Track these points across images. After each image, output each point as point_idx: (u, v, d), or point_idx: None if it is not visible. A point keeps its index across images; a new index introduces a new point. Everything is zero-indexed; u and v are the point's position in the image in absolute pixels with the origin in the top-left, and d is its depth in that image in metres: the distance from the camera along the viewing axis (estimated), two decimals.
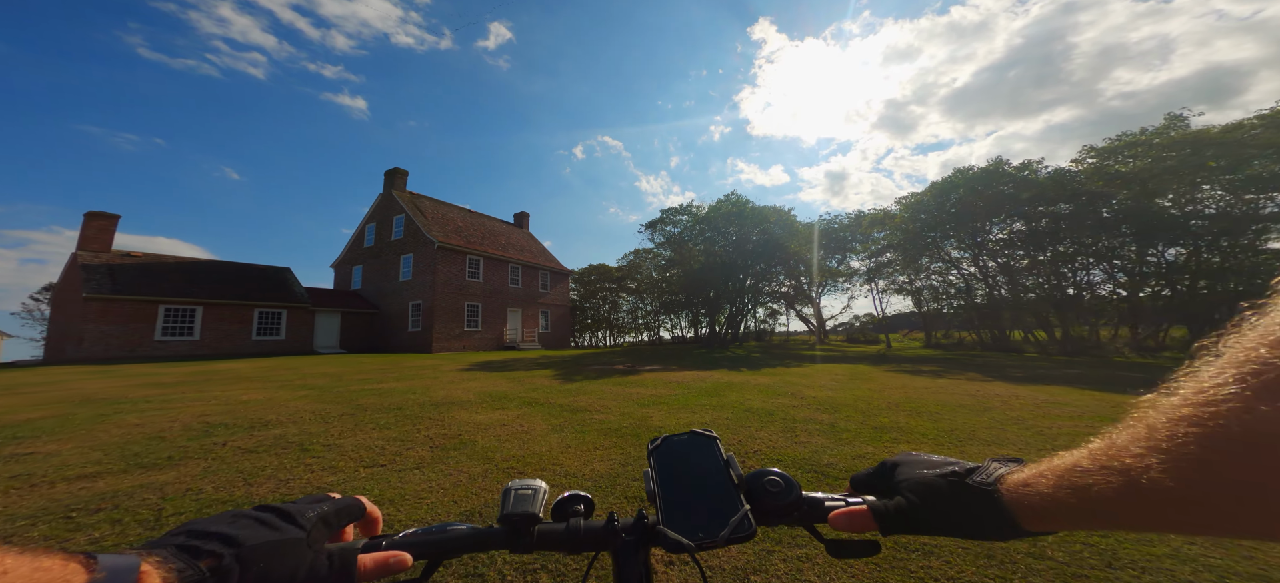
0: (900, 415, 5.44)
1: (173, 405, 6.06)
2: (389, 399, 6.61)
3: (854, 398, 6.78)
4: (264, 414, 5.38)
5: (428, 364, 13.27)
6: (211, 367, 12.07)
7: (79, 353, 15.26)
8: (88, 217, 16.62)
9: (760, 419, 5.28)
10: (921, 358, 16.05)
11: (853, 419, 5.21)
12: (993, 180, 19.02)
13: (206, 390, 7.56)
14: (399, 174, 25.53)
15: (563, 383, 8.72)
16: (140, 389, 7.79)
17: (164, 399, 6.66)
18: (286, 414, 5.43)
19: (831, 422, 5.09)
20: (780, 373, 10.63)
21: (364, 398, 6.72)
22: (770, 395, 7.04)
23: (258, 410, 5.66)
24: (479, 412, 5.78)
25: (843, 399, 6.66)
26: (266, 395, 6.99)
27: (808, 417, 5.37)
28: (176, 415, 5.33)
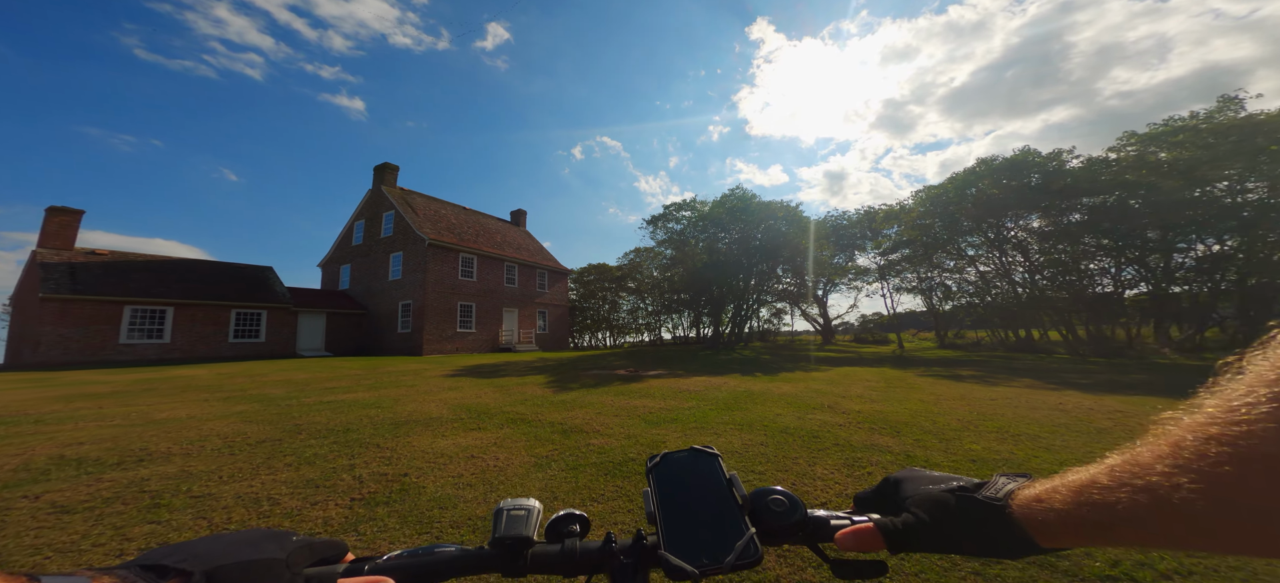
0: (989, 439, 4.26)
1: (61, 427, 4.87)
2: (341, 417, 5.43)
3: (910, 413, 5.60)
4: (157, 442, 4.19)
5: (411, 369, 12.08)
6: (167, 373, 10.88)
7: (35, 358, 14.05)
8: (49, 212, 15.40)
9: (805, 445, 4.10)
10: (946, 360, 14.88)
11: (931, 446, 4.03)
12: (1018, 171, 17.83)
13: (128, 404, 6.36)
14: (389, 169, 24.34)
15: (556, 393, 7.53)
16: (57, 403, 6.60)
17: (64, 417, 5.46)
18: (189, 441, 4.23)
19: (904, 449, 3.91)
20: (802, 379, 9.45)
21: (311, 416, 5.53)
22: (803, 409, 5.86)
23: (156, 436, 4.47)
24: (447, 435, 4.60)
25: (897, 415, 5.48)
26: (191, 412, 5.80)
27: (867, 442, 4.18)
28: (38, 446, 4.13)
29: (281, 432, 4.62)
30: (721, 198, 24.82)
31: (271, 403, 6.49)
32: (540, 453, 3.93)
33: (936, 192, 20.84)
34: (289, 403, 6.46)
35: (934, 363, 13.72)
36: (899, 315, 26.74)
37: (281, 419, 5.27)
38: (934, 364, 13.27)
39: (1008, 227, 19.18)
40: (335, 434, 4.52)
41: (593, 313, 42.14)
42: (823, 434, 4.47)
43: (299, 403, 6.47)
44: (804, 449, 3.95)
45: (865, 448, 3.96)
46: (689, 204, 28.18)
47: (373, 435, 4.52)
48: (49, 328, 14.11)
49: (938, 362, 14.25)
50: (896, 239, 24.41)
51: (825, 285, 31.12)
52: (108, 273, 15.71)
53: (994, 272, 21.01)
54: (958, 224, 20.14)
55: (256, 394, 7.30)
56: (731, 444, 4.21)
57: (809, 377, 9.87)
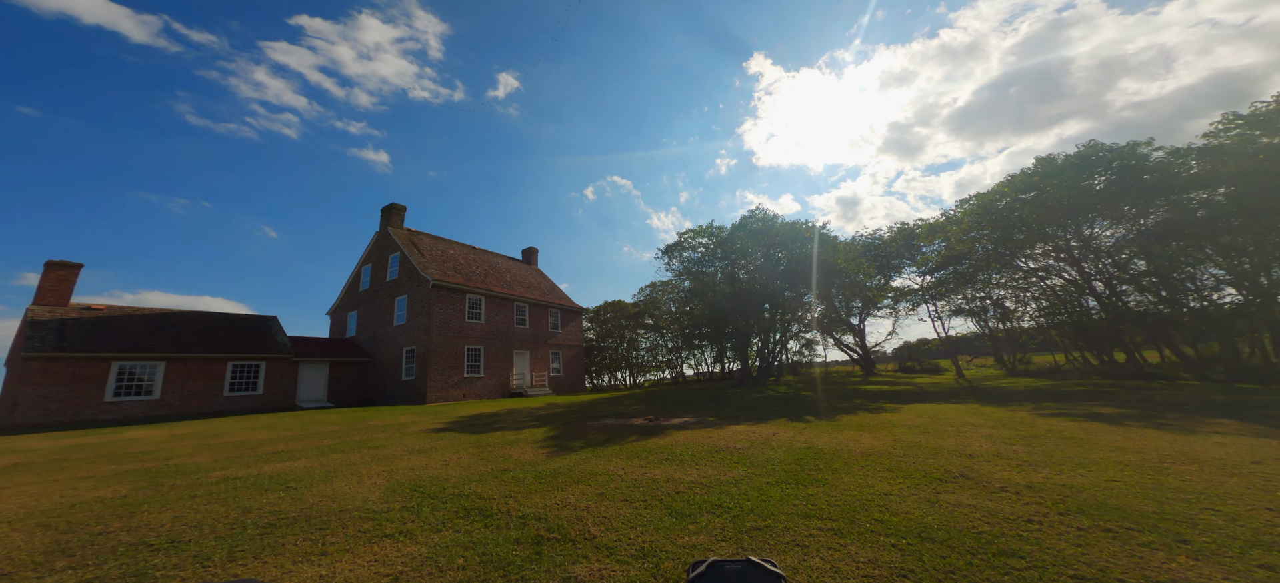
0: None
1: None
2: (210, 510, 3.68)
3: (1133, 491, 3.45)
4: None
5: (397, 423, 10.39)
6: (123, 435, 9.53)
7: (10, 420, 13.12)
8: (47, 267, 15.08)
9: (1006, 573, 2.07)
10: (1039, 392, 12.17)
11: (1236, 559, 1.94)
12: (1085, 168, 15.55)
13: None
14: (396, 210, 23.98)
15: (551, 457, 5.63)
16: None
17: None
18: None
19: None
20: (877, 424, 7.22)
21: (158, 513, 3.80)
22: (919, 481, 3.78)
23: None
24: (340, 552, 2.77)
25: (1110, 493, 3.35)
26: (22, 504, 4.16)
27: (1131, 565, 2.12)
28: None
29: (57, 550, 2.88)
30: (741, 221, 23.14)
31: (154, 481, 4.81)
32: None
33: (988, 200, 18.57)
34: (176, 482, 4.77)
35: (1027, 395, 11.10)
36: (950, 340, 23.74)
37: (110, 518, 3.55)
38: (1033, 397, 10.68)
39: (1085, 233, 16.59)
40: (139, 554, 2.75)
41: (610, 352, 40.15)
42: (1013, 546, 2.42)
43: (188, 484, 4.77)
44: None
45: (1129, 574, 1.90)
46: (706, 230, 26.64)
47: (213, 548, 2.73)
48: (29, 388, 13.25)
49: (1028, 394, 11.60)
50: (943, 255, 21.93)
51: (861, 311, 28.44)
52: (97, 329, 15.06)
53: (1068, 286, 18.22)
54: (1013, 235, 17.70)
55: (158, 469, 5.65)
56: (830, 567, 2.22)
57: (883, 421, 7.63)
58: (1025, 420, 7.12)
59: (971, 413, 8.25)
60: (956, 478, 3.86)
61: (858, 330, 29.16)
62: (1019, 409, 8.68)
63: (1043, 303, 21.35)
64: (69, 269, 15.40)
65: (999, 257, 19.31)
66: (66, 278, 15.36)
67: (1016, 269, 19.99)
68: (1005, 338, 24.76)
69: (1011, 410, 8.56)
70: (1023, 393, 11.98)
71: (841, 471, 4.26)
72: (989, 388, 14.22)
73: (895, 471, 4.17)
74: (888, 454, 4.86)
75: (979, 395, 11.80)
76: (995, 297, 23.06)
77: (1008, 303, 23.01)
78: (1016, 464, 4.35)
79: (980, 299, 23.56)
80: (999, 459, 4.57)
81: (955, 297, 23.93)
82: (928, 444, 5.40)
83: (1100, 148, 15.42)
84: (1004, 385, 15.10)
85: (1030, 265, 19.45)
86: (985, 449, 5.08)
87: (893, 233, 26.36)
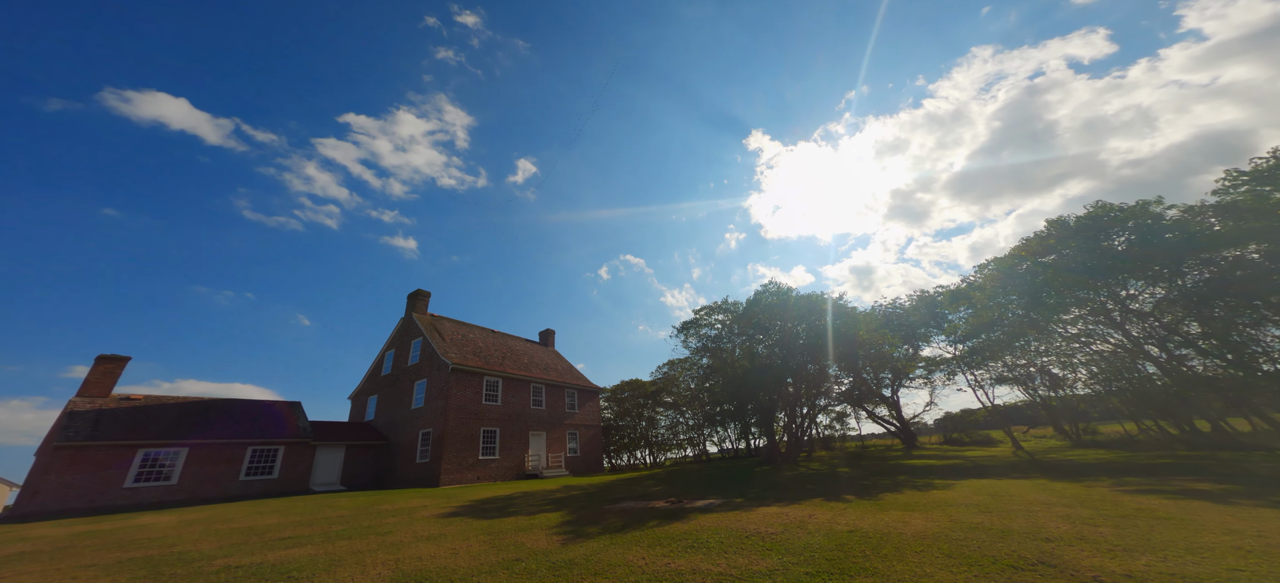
0: None
1: None
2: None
3: (1231, 577, 2.96)
4: None
5: (406, 508, 9.88)
6: (132, 521, 9.29)
7: (30, 508, 13.08)
8: (98, 360, 16.11)
9: None
10: (1116, 466, 10.80)
11: None
12: (1099, 230, 15.43)
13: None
14: (421, 296, 25.23)
15: (566, 545, 5.21)
16: None
17: None
18: None
19: None
20: (929, 503, 6.48)
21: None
22: (995, 571, 3.33)
23: None
24: None
25: (1215, 581, 2.86)
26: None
27: None
28: None
29: None
30: (756, 296, 23.31)
31: (154, 571, 4.61)
32: None
33: (1007, 264, 18.34)
34: (176, 572, 4.56)
35: (1101, 469, 9.84)
36: (998, 409, 21.83)
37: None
38: (1109, 471, 9.46)
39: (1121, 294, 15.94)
40: None
41: (629, 431, 38.35)
42: None
43: (188, 574, 4.55)
44: None
45: None
46: (722, 307, 26.75)
47: None
48: (52, 476, 13.40)
49: (1101, 467, 10.30)
50: (971, 322, 21.15)
51: (892, 382, 26.94)
52: (130, 418, 15.54)
53: (1118, 351, 17.04)
54: (1042, 299, 17.14)
55: (161, 556, 5.45)
56: None
57: (935, 499, 6.84)
58: (1107, 498, 6.26)
59: (1039, 489, 7.33)
60: (1035, 566, 3.35)
61: (892, 402, 27.32)
62: (1096, 485, 7.67)
63: (1094, 369, 19.83)
64: (116, 362, 16.40)
65: (1032, 322, 18.48)
66: (113, 370, 16.29)
67: (1055, 335, 18.97)
68: (1061, 407, 22.65)
69: (1087, 487, 7.58)
70: (1095, 467, 10.63)
71: (892, 558, 3.76)
72: (1054, 461, 12.71)
73: (957, 556, 3.66)
74: (945, 537, 4.30)
75: (1044, 470, 10.53)
76: (1040, 364, 21.60)
77: (1055, 370, 21.45)
78: (1107, 549, 3.77)
79: (1022, 367, 22.09)
80: (1084, 543, 3.97)
81: (995, 364, 22.55)
82: (992, 526, 4.77)
83: (1110, 208, 15.45)
84: (1071, 458, 13.48)
85: (1069, 331, 18.46)
86: (1065, 532, 4.44)
87: (913, 301, 25.89)
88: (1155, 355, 15.79)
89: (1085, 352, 19.14)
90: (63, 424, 14.14)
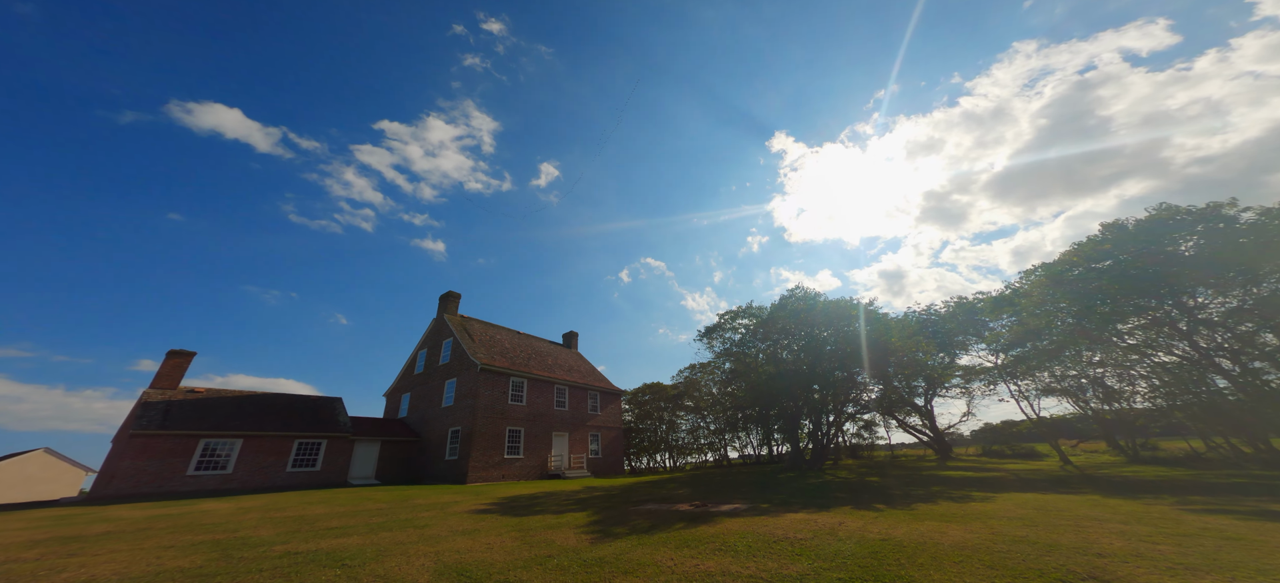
0: None
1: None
2: None
3: None
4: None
5: (440, 503, 10.31)
6: (198, 506, 10.14)
7: (107, 491, 14.43)
8: (169, 354, 17.67)
9: None
10: (1180, 483, 10.00)
11: None
12: (1162, 233, 14.32)
13: (82, 554, 5.25)
14: (452, 297, 26.18)
15: (595, 543, 5.34)
16: (36, 549, 5.71)
17: None
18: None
19: None
20: (966, 514, 6.23)
21: (247, 580, 3.96)
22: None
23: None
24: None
25: None
26: (117, 569, 4.48)
27: None
28: None
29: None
30: (781, 301, 22.93)
31: (225, 553, 5.05)
32: None
33: (1056, 270, 17.29)
34: (244, 555, 4.98)
35: (1162, 486, 9.14)
36: (1044, 421, 20.55)
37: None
38: (1172, 489, 8.79)
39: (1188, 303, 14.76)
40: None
41: (649, 434, 38.38)
42: None
43: (254, 558, 4.96)
44: None
45: None
46: (745, 311, 26.44)
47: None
48: (127, 462, 14.72)
49: (1163, 484, 9.56)
50: (1015, 330, 20.05)
51: (927, 391, 25.85)
52: (194, 409, 16.90)
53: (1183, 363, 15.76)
54: (1095, 307, 16.05)
55: (227, 540, 5.94)
56: None
57: (974, 511, 6.58)
58: (1167, 516, 5.85)
59: (1091, 505, 6.91)
60: (1084, 580, 3.21)
61: (925, 411, 26.19)
62: (1156, 503, 7.16)
63: (1156, 382, 18.39)
64: (184, 357, 17.90)
65: (1085, 331, 17.31)
66: (181, 364, 17.79)
67: (1113, 344, 17.71)
68: (1116, 420, 21.08)
69: (1146, 504, 7.08)
70: (1155, 483, 9.88)
71: (929, 567, 3.68)
72: (1108, 477, 11.88)
73: (999, 568, 3.55)
74: (987, 549, 4.15)
75: (1097, 485, 9.88)
76: (1093, 375, 20.20)
77: (1110, 382, 20.01)
78: (1166, 567, 3.56)
79: (1073, 378, 20.72)
80: (1141, 560, 3.76)
81: (1042, 374, 21.25)
82: (1038, 539, 4.57)
83: (1176, 211, 14.30)
84: (1127, 474, 12.56)
85: (1128, 341, 17.19)
86: (1119, 548, 4.20)
87: (950, 307, 24.78)
88: (1227, 369, 14.50)
89: (1146, 363, 17.78)
90: (138, 413, 15.51)
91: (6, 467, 26.00)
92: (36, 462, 27.30)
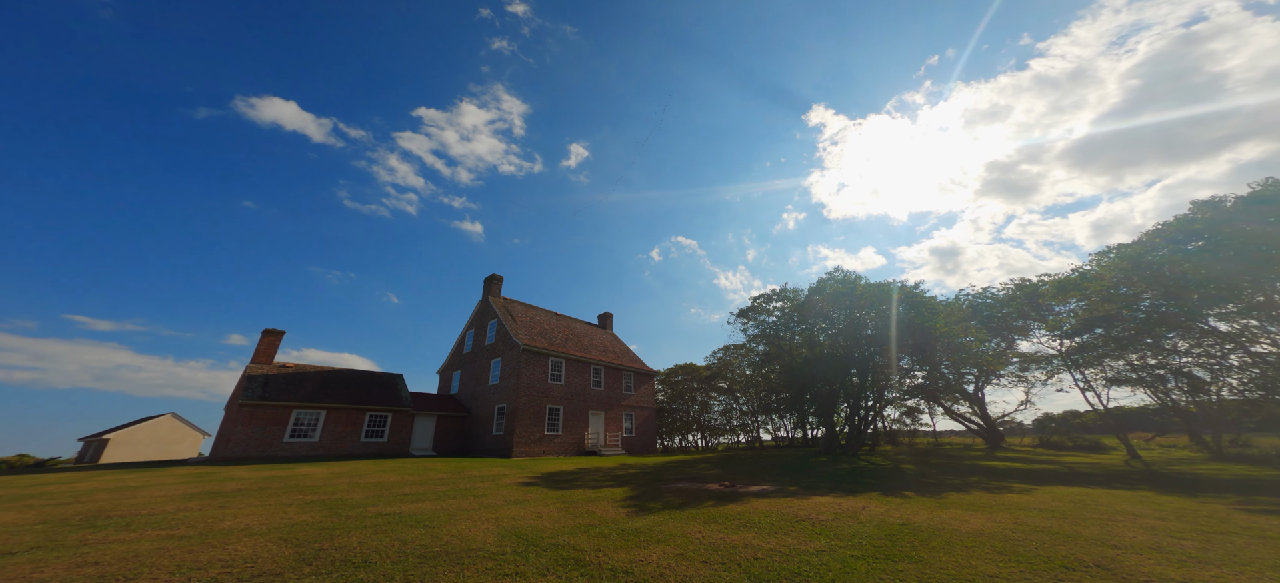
0: None
1: (139, 535, 4.97)
2: (379, 539, 4.71)
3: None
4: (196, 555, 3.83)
5: (492, 474, 11.54)
6: (298, 470, 12.03)
7: (226, 453, 17.22)
8: (264, 333, 20.39)
9: None
10: (1262, 483, 9.26)
11: None
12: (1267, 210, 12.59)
13: (223, 508, 6.61)
14: (495, 280, 27.79)
15: (631, 516, 5.99)
16: (180, 503, 7.23)
17: (160, 521, 5.73)
18: (199, 567, 3.80)
19: None
20: (994, 504, 6.30)
21: (349, 537, 4.94)
22: (1043, 568, 3.43)
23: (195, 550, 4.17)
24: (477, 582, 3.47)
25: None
26: (252, 523, 5.66)
27: None
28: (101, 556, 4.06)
29: (300, 559, 3.99)
30: (819, 283, 22.42)
31: (333, 511, 6.18)
32: None
33: (1136, 252, 15.68)
34: (348, 513, 6.08)
35: (1234, 485, 8.53)
36: (1111, 413, 19.06)
37: (319, 538, 4.74)
38: (1243, 489, 8.21)
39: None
40: (350, 569, 3.72)
41: (681, 414, 39.26)
42: None
43: (356, 515, 6.04)
44: None
45: None
46: (781, 293, 26.11)
47: (393, 571, 3.60)
48: (239, 428, 17.39)
49: (1236, 484, 8.89)
50: (1085, 316, 18.52)
51: (978, 378, 24.58)
52: (288, 382, 19.50)
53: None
54: (1185, 292, 14.47)
55: (330, 500, 7.18)
56: None
57: (1005, 502, 6.61)
58: (1217, 515, 5.64)
59: (1139, 501, 6.71)
60: (1089, 567, 3.39)
61: (975, 399, 24.96)
62: (1213, 502, 6.82)
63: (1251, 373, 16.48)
64: (276, 335, 20.57)
65: (1172, 318, 15.70)
66: (274, 342, 20.47)
67: (1204, 332, 15.97)
68: (1201, 414, 19.17)
69: (1202, 502, 6.77)
70: (1228, 483, 9.19)
71: (940, 549, 3.96)
72: (1176, 474, 11.11)
73: (1008, 554, 3.77)
74: (1001, 537, 4.34)
75: (1157, 482, 9.37)
76: (1175, 364, 18.34)
77: (1197, 371, 18.09)
78: (1177, 560, 3.63)
79: (1151, 368, 18.91)
80: (1155, 553, 3.83)
81: (1114, 363, 19.55)
82: (1059, 530, 4.66)
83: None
84: (1200, 471, 11.65)
85: (1222, 328, 15.44)
86: (1140, 541, 4.25)
87: (1009, 290, 23.10)
88: None
89: (1241, 354, 15.95)
90: (244, 386, 18.15)
91: (143, 428, 31.25)
92: (166, 425, 32.50)
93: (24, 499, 7.38)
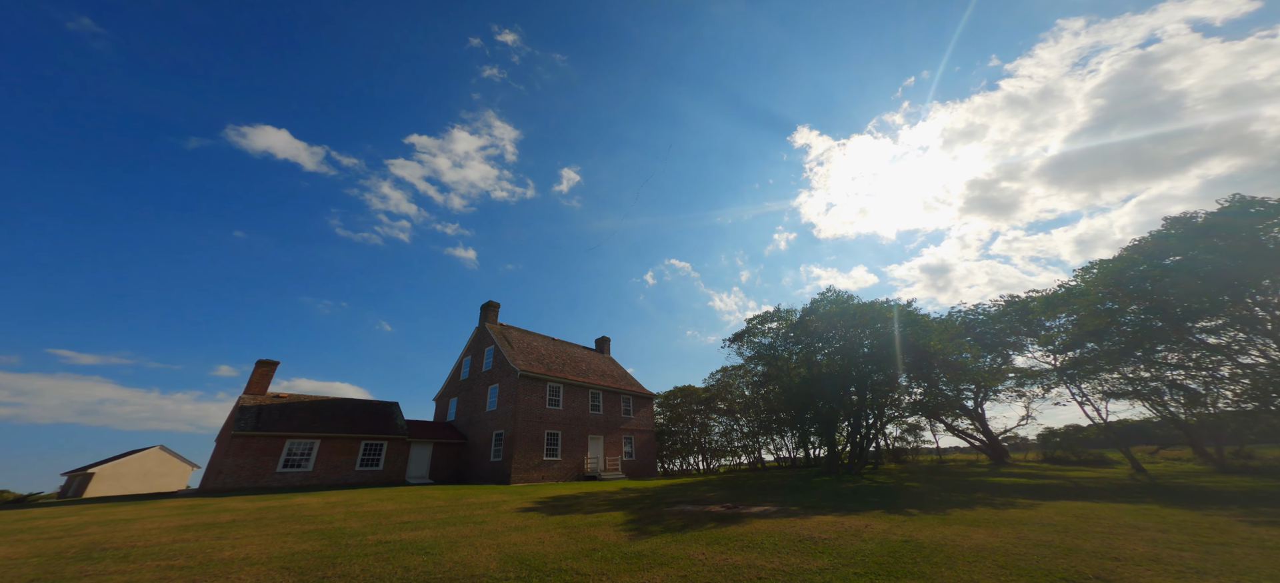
0: None
1: (138, 566, 4.90)
2: (381, 567, 4.69)
3: None
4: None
5: (490, 501, 11.35)
6: (293, 500, 11.76)
7: (215, 484, 16.79)
8: (258, 363, 20.24)
9: None
10: (1268, 495, 9.29)
11: None
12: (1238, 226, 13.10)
13: (220, 538, 6.51)
14: (492, 306, 27.84)
15: (633, 539, 5.97)
16: (174, 534, 7.10)
17: (157, 553, 5.64)
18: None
19: None
20: (998, 520, 6.32)
21: (351, 565, 4.91)
22: (1042, 581, 3.49)
23: None
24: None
25: None
26: (251, 553, 5.60)
27: None
28: None
29: None
30: (812, 303, 22.74)
31: (332, 540, 6.11)
32: None
33: (1115, 268, 16.17)
34: (348, 542, 6.02)
35: (1239, 497, 8.56)
36: (1113, 426, 19.07)
37: (321, 566, 4.72)
38: (1248, 501, 8.25)
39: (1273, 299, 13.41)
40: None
41: (681, 437, 38.73)
42: None
43: (356, 544, 5.98)
44: None
45: None
46: (775, 314, 26.32)
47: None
48: (230, 459, 17.04)
49: (1241, 496, 8.92)
50: (1077, 331, 18.82)
51: (977, 394, 24.63)
52: (281, 413, 19.23)
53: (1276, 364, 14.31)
54: (1168, 306, 14.83)
55: (329, 529, 7.09)
56: None
57: (1009, 517, 6.63)
58: (1219, 526, 5.70)
59: (1142, 514, 6.74)
60: (1089, 580, 3.46)
61: (976, 415, 24.91)
62: (1216, 514, 6.86)
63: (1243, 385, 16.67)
64: (270, 366, 20.41)
65: (1160, 332, 16.02)
66: (267, 372, 20.29)
67: (1192, 345, 16.26)
68: (1201, 425, 19.17)
69: (1204, 515, 6.81)
70: (1233, 494, 9.22)
71: (942, 565, 4.01)
72: (1181, 487, 11.11)
73: (1009, 568, 3.83)
74: (1003, 551, 4.39)
75: (1161, 494, 9.38)
76: (1168, 376, 18.53)
77: (1191, 384, 18.26)
78: (1176, 571, 3.70)
79: (1145, 381, 19.08)
80: (1154, 564, 3.90)
81: (1109, 376, 19.73)
82: (1061, 544, 4.71)
83: (1250, 202, 13.05)
84: (1205, 484, 11.65)
85: (1210, 341, 15.75)
86: (1140, 553, 4.31)
87: (999, 307, 23.48)
88: None
89: (1232, 364, 16.18)
90: (236, 416, 17.88)
91: (130, 462, 30.39)
92: (154, 458, 31.62)
93: (13, 534, 7.23)
